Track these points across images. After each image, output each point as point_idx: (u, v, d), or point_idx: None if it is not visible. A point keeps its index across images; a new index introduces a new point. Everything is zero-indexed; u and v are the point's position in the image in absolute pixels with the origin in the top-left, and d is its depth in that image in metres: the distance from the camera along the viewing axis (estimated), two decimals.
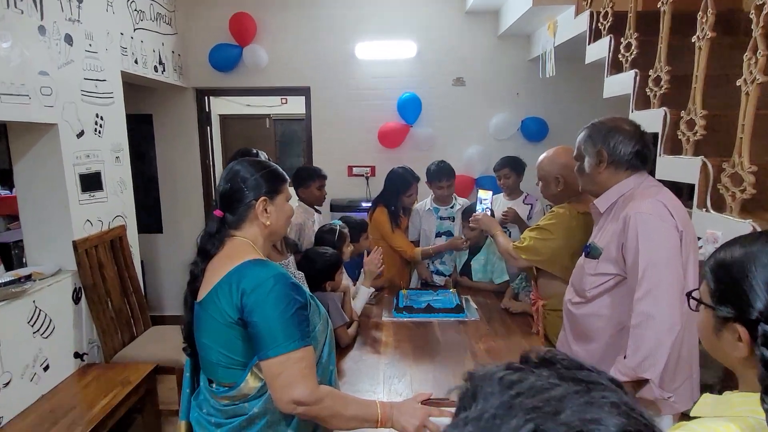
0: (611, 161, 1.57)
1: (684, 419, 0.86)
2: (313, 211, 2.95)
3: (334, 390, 1.25)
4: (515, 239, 2.17)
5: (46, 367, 2.52)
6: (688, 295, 0.86)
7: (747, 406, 0.75)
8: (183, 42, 4.06)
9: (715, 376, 2.02)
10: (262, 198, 1.31)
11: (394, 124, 4.04)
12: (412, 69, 4.06)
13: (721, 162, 1.73)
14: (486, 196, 2.51)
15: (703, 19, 1.85)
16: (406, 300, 2.60)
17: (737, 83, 1.65)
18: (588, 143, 1.61)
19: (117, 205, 3.16)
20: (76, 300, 2.75)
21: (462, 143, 4.14)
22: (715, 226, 1.66)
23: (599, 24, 2.64)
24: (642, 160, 1.57)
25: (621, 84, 2.37)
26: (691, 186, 1.83)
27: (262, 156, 2.00)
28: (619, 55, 2.42)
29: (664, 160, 2.02)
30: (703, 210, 1.77)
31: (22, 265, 2.94)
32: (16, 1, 2.33)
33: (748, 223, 1.54)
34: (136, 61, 3.40)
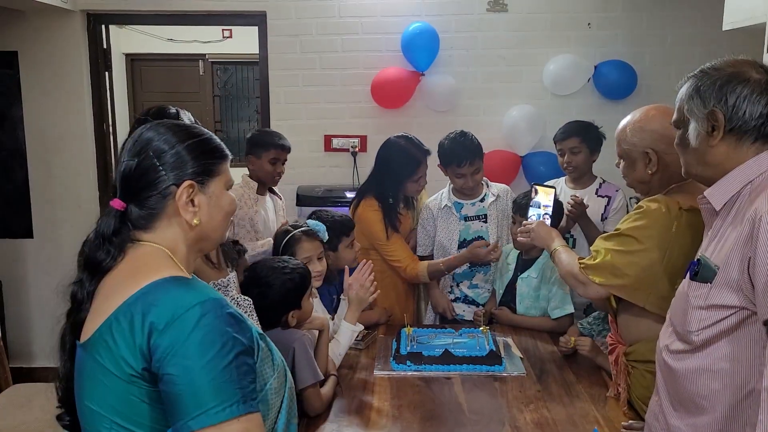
0: (731, 128, 1.33)
1: None
2: (265, 192, 2.77)
3: None
4: (581, 252, 2.03)
5: None
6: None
7: None
8: None
9: None
10: (187, 182, 1.10)
11: (396, 71, 3.53)
12: None
13: None
14: (547, 196, 2.23)
15: None
16: (411, 343, 2.30)
17: None
18: (695, 100, 1.37)
19: None
20: None
21: (501, 102, 3.67)
22: None
23: None
24: None
25: (750, 9, 2.21)
26: None
27: (186, 118, 1.75)
28: None
29: None
30: None
31: None
32: None
33: None
34: None
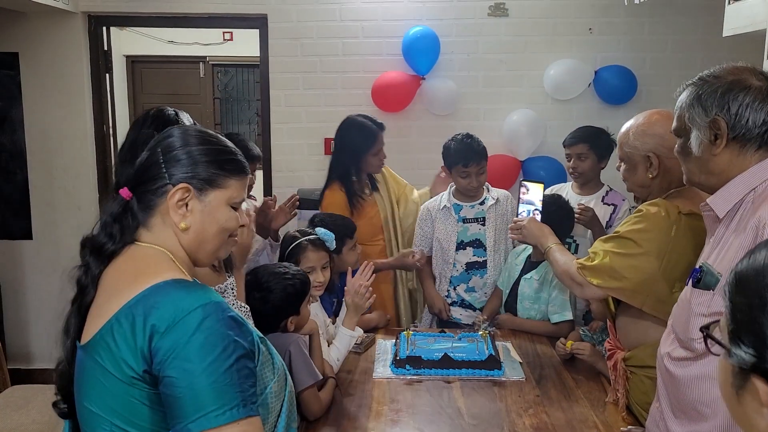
0: (734, 136, 1.35)
1: None
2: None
3: None
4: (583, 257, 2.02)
5: None
6: (704, 330, 0.83)
7: None
8: None
9: None
10: (183, 185, 1.08)
11: (397, 75, 3.56)
12: None
13: None
14: (535, 192, 2.25)
15: None
16: (410, 347, 2.29)
17: None
18: (696, 108, 1.39)
19: None
20: None
21: (502, 106, 3.69)
22: None
23: None
24: None
25: (750, 15, 2.20)
26: None
27: (186, 119, 1.69)
28: None
29: None
30: None
31: None
32: None
33: None
34: None
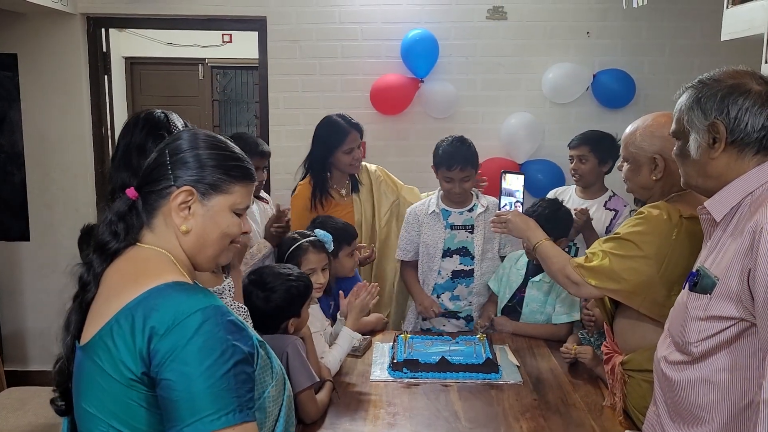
0: (732, 140, 1.34)
1: None
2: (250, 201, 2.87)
3: None
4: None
5: None
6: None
7: None
8: None
9: None
10: (186, 188, 1.08)
11: (395, 77, 3.55)
12: None
13: None
14: (516, 183, 2.21)
15: None
16: (408, 350, 2.30)
17: None
18: (695, 111, 1.39)
19: None
20: None
21: (500, 109, 3.67)
22: None
23: None
24: None
25: (748, 19, 2.18)
26: None
27: (177, 123, 1.68)
28: None
29: None
30: None
31: None
32: None
33: None
34: None
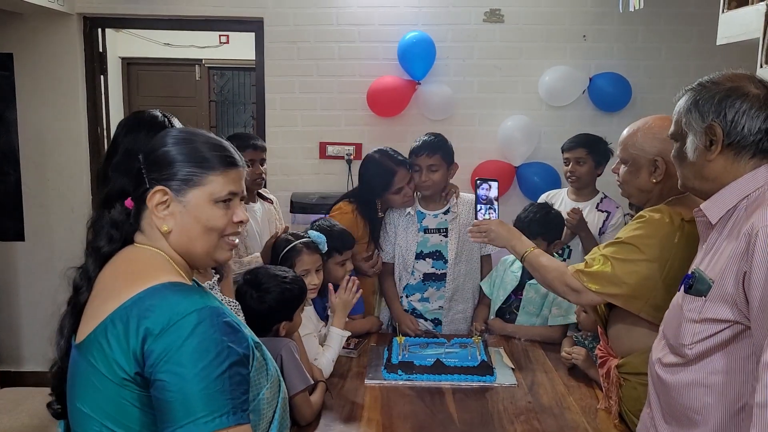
0: (729, 143, 1.35)
1: None
2: (254, 198, 2.69)
3: None
4: (575, 263, 1.96)
5: None
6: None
7: None
8: None
9: None
10: (158, 188, 1.07)
11: (392, 79, 3.57)
12: None
13: None
14: (490, 190, 2.15)
15: None
16: (403, 353, 2.29)
17: None
18: (693, 113, 1.39)
19: None
20: None
21: (497, 112, 3.68)
22: None
23: None
24: None
25: (744, 24, 2.18)
26: None
27: (177, 125, 1.68)
28: None
29: None
30: None
31: None
32: None
33: None
34: None
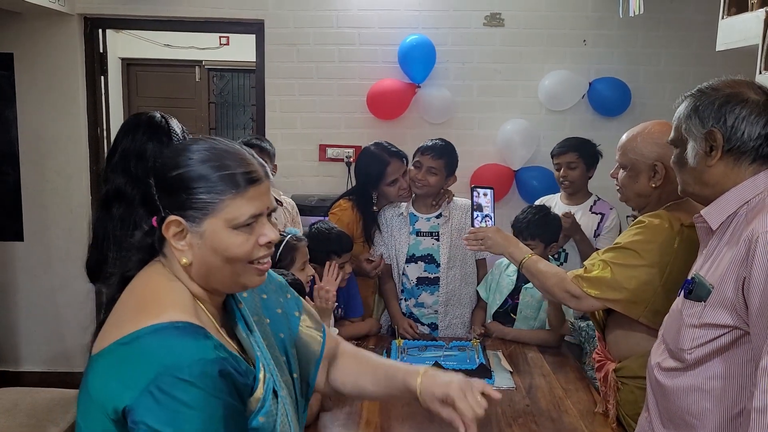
0: (729, 149, 1.35)
1: None
2: None
3: None
4: (571, 267, 2.02)
5: None
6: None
7: None
8: None
9: None
10: (172, 218, 0.96)
11: (392, 82, 3.57)
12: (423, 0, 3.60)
13: None
14: (485, 198, 2.12)
15: None
16: (401, 355, 2.31)
17: None
18: (693, 119, 1.39)
19: None
20: None
21: (497, 115, 3.68)
22: None
23: None
24: None
25: (743, 30, 2.18)
26: None
27: (175, 127, 1.67)
28: None
29: None
30: None
31: None
32: None
33: None
34: None
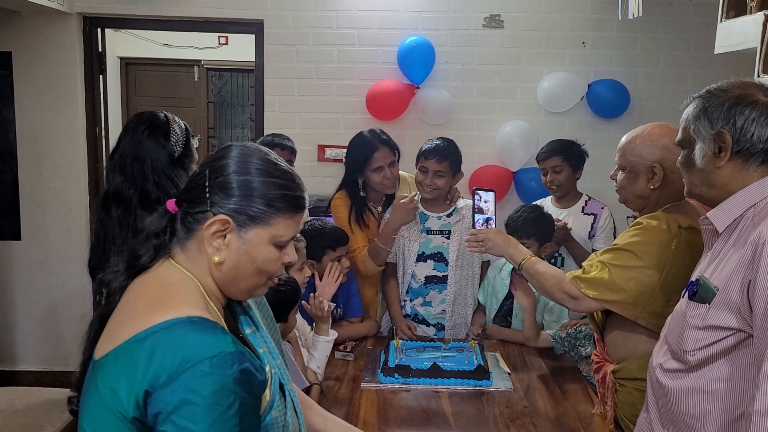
0: (738, 150, 1.33)
1: None
2: None
3: None
4: (568, 271, 1.99)
5: None
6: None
7: None
8: None
9: None
10: (222, 217, 0.97)
11: (391, 83, 3.59)
12: (422, 1, 3.61)
13: None
14: (487, 200, 2.11)
15: None
16: (399, 356, 2.27)
17: None
18: (702, 120, 1.37)
19: None
20: None
21: (496, 117, 3.69)
22: None
23: None
24: None
25: (742, 33, 2.17)
26: None
27: (178, 125, 1.74)
28: None
29: None
30: None
31: None
32: None
33: None
34: None
